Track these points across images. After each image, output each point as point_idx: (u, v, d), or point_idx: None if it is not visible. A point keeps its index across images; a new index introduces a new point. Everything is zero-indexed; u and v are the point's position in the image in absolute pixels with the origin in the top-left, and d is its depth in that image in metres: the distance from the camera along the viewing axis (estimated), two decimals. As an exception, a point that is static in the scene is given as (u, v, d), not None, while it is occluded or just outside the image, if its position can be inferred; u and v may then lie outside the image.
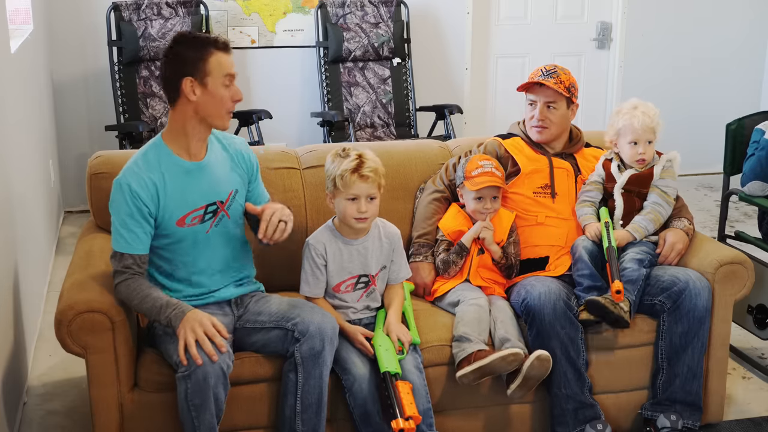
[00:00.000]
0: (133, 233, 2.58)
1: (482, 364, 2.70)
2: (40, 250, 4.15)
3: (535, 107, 3.15)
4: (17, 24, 4.47)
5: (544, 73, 3.15)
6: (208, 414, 2.46)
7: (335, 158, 2.76)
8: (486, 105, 6.09)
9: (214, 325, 2.50)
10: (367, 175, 2.71)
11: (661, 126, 3.09)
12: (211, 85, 2.57)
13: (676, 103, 6.07)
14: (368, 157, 2.74)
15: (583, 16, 6.11)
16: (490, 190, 3.01)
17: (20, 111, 3.80)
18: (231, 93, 2.61)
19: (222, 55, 2.58)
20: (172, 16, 5.15)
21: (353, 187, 2.71)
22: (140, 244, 2.59)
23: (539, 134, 3.17)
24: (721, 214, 3.72)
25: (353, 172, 2.70)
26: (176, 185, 2.62)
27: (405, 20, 5.49)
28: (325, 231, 2.83)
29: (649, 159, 3.09)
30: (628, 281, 2.89)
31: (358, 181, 2.71)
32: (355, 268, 2.81)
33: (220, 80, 2.58)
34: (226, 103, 2.61)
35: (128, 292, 2.56)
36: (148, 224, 2.59)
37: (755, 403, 3.30)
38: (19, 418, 3.10)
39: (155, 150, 2.65)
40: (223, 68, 2.58)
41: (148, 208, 2.58)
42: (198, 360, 2.42)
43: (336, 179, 2.72)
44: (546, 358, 2.75)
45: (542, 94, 3.14)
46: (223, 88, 2.59)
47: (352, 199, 2.72)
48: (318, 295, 2.80)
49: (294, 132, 5.65)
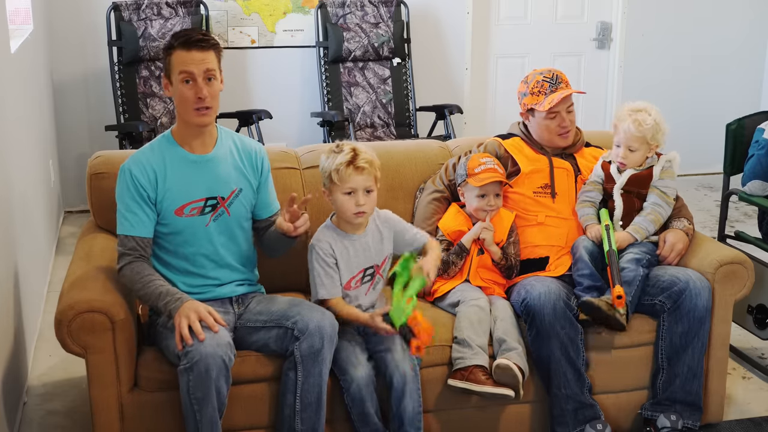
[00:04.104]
0: (135, 216, 2.64)
1: (472, 388, 2.73)
2: (40, 250, 4.15)
3: (557, 117, 3.13)
4: (17, 24, 4.47)
5: (553, 83, 3.13)
6: (210, 407, 2.46)
7: (329, 154, 2.76)
8: (486, 105, 6.09)
9: (210, 312, 2.53)
10: (363, 167, 2.70)
11: (663, 135, 3.05)
12: (174, 82, 2.64)
13: (676, 103, 6.07)
14: (362, 150, 2.74)
15: (583, 16, 6.11)
16: (493, 187, 3.01)
17: (20, 111, 3.80)
18: (193, 91, 2.61)
19: (182, 52, 2.60)
20: (172, 16, 5.15)
21: (350, 180, 2.70)
22: (143, 226, 2.64)
23: (566, 139, 3.17)
24: (721, 214, 3.72)
25: (348, 165, 2.70)
26: (177, 175, 2.68)
27: (405, 20, 5.49)
28: (326, 231, 2.82)
29: (630, 165, 3.07)
30: (625, 282, 2.89)
31: (354, 173, 2.70)
32: (361, 262, 2.81)
33: (178, 77, 2.62)
34: (188, 100, 2.62)
35: (131, 276, 2.60)
36: (150, 208, 2.65)
37: (755, 403, 3.30)
38: (19, 418, 3.10)
39: (162, 141, 2.74)
40: (179, 65, 2.61)
41: (147, 192, 2.64)
42: (188, 340, 2.45)
43: (332, 174, 2.71)
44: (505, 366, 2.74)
45: (564, 102, 3.13)
46: (182, 84, 2.61)
47: (349, 193, 2.72)
48: (336, 295, 2.76)
49: (294, 132, 5.65)
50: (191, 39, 2.61)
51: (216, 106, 2.68)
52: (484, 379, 2.74)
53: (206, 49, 2.62)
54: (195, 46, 2.60)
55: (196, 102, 2.62)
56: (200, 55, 2.61)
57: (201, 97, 2.61)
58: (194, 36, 2.62)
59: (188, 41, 2.60)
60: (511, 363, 2.74)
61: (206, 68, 2.62)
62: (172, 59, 2.62)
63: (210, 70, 2.62)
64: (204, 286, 2.74)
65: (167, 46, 2.64)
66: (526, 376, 2.79)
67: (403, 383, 2.66)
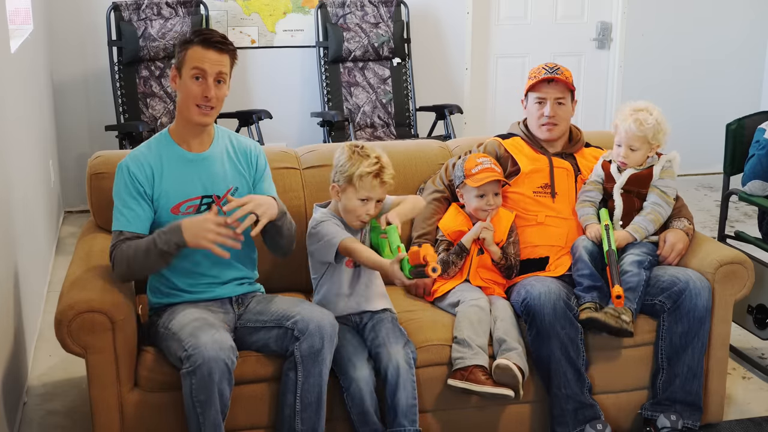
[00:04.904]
0: (132, 211, 2.64)
1: (472, 388, 2.73)
2: (40, 250, 4.15)
3: (545, 105, 3.14)
4: (17, 24, 4.47)
5: (549, 70, 3.14)
6: (213, 410, 2.46)
7: (353, 155, 2.76)
8: (486, 105, 6.09)
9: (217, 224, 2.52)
10: (387, 182, 2.75)
11: (664, 134, 3.06)
12: (183, 75, 2.65)
13: (676, 103, 6.07)
14: (386, 162, 2.77)
15: (583, 16, 6.11)
16: (492, 186, 3.02)
17: (20, 111, 3.80)
18: (201, 88, 2.63)
19: (199, 49, 2.63)
20: (172, 16, 5.15)
21: (371, 190, 2.73)
22: (139, 222, 2.65)
23: (550, 132, 3.16)
24: (721, 214, 3.72)
25: (375, 177, 2.72)
26: (174, 173, 2.69)
27: (405, 20, 5.49)
28: (325, 215, 2.83)
29: (630, 164, 3.07)
30: (629, 289, 2.88)
31: (378, 186, 2.74)
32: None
33: (189, 72, 2.63)
34: (194, 96, 2.63)
35: (121, 255, 2.61)
36: (147, 204, 2.66)
37: (755, 403, 3.30)
38: (19, 418, 3.10)
39: (160, 139, 2.75)
40: (193, 60, 2.62)
41: (144, 188, 2.65)
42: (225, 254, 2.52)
43: (354, 178, 2.72)
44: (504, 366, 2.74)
45: (553, 90, 3.13)
46: (191, 80, 2.63)
47: (364, 200, 2.74)
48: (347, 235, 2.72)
49: (294, 132, 5.65)
50: (211, 38, 2.64)
51: (218, 109, 2.70)
52: (484, 379, 2.74)
53: (223, 52, 2.65)
54: (213, 46, 2.63)
55: (202, 100, 2.63)
56: (216, 56, 2.63)
57: (208, 96, 2.63)
58: (215, 36, 2.65)
59: (208, 39, 2.63)
60: (511, 363, 2.74)
61: (219, 70, 2.64)
62: (187, 53, 2.63)
63: (222, 73, 2.65)
64: (204, 285, 2.74)
65: (185, 41, 2.66)
66: (526, 376, 2.79)
67: (397, 375, 2.66)
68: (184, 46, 2.65)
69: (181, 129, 2.73)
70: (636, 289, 2.90)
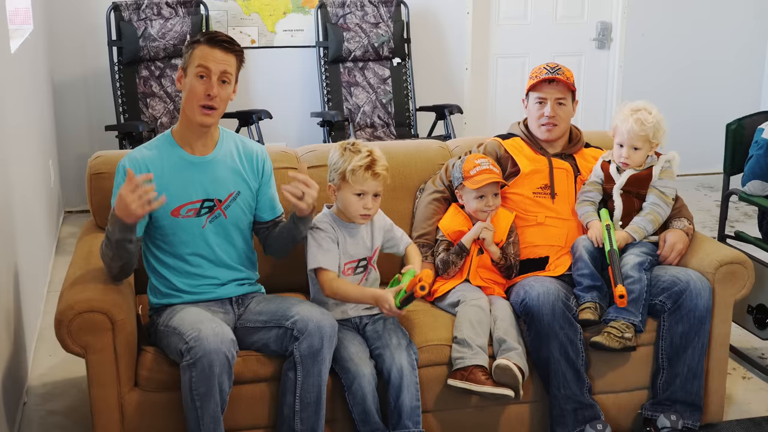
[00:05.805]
0: None
1: (472, 388, 2.73)
2: (40, 250, 4.15)
3: (545, 105, 3.14)
4: (17, 24, 4.47)
5: (550, 70, 3.14)
6: (213, 403, 2.46)
7: (344, 152, 2.77)
8: (486, 105, 6.09)
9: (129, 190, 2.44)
10: (380, 173, 2.75)
11: (663, 133, 3.06)
12: (188, 74, 2.64)
13: (676, 104, 6.07)
14: (378, 155, 2.77)
15: (583, 16, 6.11)
16: (491, 187, 3.01)
17: (20, 111, 3.80)
18: (204, 86, 2.62)
19: (205, 47, 2.63)
20: (172, 16, 5.15)
21: (364, 183, 2.73)
22: None
23: (550, 132, 3.16)
24: (721, 214, 3.72)
25: (367, 169, 2.72)
26: (175, 175, 2.68)
27: (405, 20, 5.49)
28: (327, 216, 2.84)
29: (633, 164, 3.07)
30: (631, 301, 2.87)
31: (371, 178, 2.74)
32: (358, 251, 2.83)
33: (194, 70, 2.63)
34: (197, 94, 2.63)
35: (100, 254, 2.62)
36: None
37: (755, 403, 3.30)
38: (19, 418, 3.10)
39: (162, 140, 2.74)
40: (198, 59, 2.62)
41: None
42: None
43: (347, 173, 2.73)
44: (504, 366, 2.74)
45: (554, 90, 3.13)
46: (195, 78, 2.63)
47: (359, 194, 2.74)
48: (333, 268, 2.75)
49: (294, 132, 5.65)
50: (218, 38, 2.64)
51: (222, 110, 2.69)
52: (484, 379, 2.74)
53: (229, 52, 2.65)
54: (219, 45, 2.63)
55: (204, 99, 2.62)
56: (222, 56, 2.63)
57: (210, 95, 2.62)
58: (221, 36, 2.65)
59: (214, 39, 2.64)
60: (510, 363, 2.74)
61: (224, 69, 2.64)
62: (193, 53, 2.63)
63: (227, 72, 2.65)
64: (203, 286, 2.75)
65: (192, 41, 2.67)
66: (525, 376, 2.79)
67: (401, 377, 2.66)
68: (190, 45, 2.66)
69: (184, 130, 2.72)
70: (638, 300, 2.89)
